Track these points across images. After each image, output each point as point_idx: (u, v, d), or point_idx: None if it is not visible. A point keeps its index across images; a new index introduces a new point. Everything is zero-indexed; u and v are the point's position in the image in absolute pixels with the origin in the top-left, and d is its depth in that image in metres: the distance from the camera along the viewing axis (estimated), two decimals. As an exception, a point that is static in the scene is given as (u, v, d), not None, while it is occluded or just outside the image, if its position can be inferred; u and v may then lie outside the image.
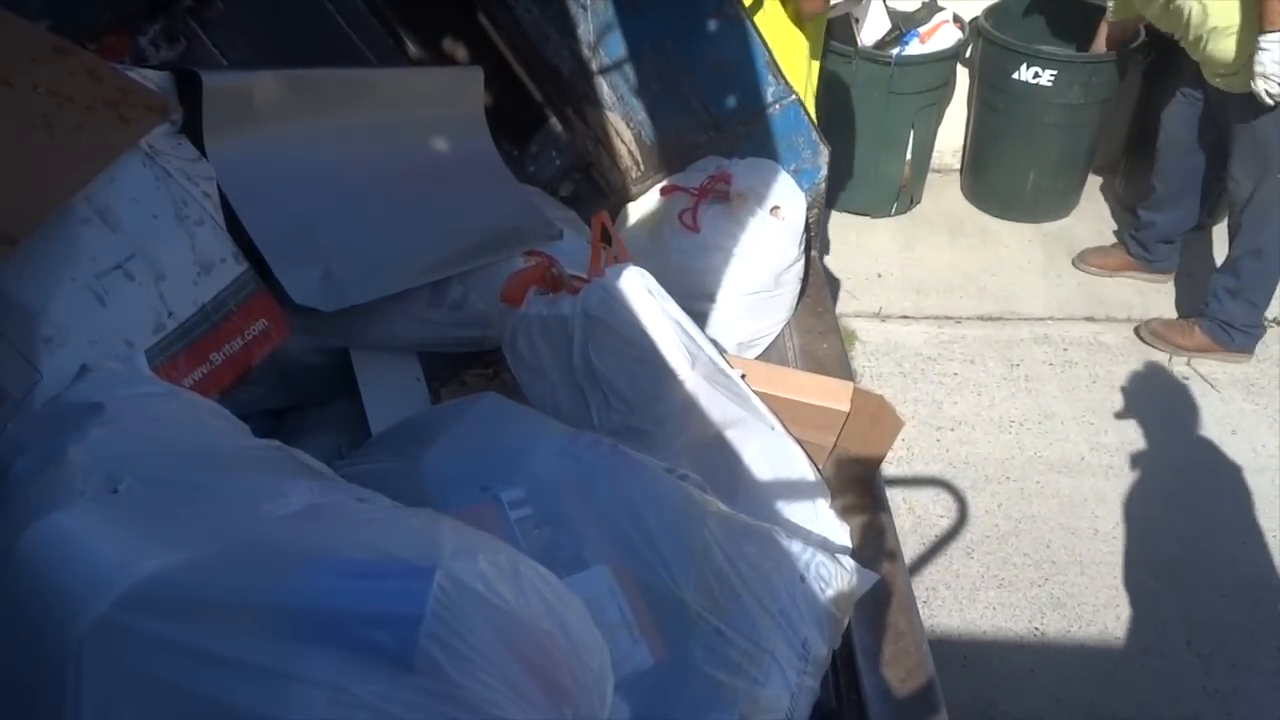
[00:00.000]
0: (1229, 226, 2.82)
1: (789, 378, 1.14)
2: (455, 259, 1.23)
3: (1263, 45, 2.35)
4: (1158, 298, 3.20)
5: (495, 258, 1.27)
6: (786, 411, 1.08)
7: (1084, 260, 3.30)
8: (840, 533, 1.03)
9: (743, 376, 1.08)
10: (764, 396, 1.08)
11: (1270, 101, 2.42)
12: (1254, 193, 2.65)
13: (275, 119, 1.10)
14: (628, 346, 1.01)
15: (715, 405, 1.02)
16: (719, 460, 1.02)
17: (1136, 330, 2.98)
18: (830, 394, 1.12)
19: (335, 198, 1.16)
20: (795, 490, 1.04)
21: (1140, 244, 3.18)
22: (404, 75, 1.45)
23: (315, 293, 1.04)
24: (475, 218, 1.32)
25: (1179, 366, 2.92)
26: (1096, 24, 3.13)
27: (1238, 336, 2.81)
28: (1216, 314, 2.81)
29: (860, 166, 3.43)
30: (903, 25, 3.16)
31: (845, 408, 1.10)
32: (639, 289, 1.01)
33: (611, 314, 1.00)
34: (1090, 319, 3.11)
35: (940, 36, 3.21)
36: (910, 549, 2.40)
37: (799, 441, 1.07)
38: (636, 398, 1.02)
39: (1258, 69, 2.38)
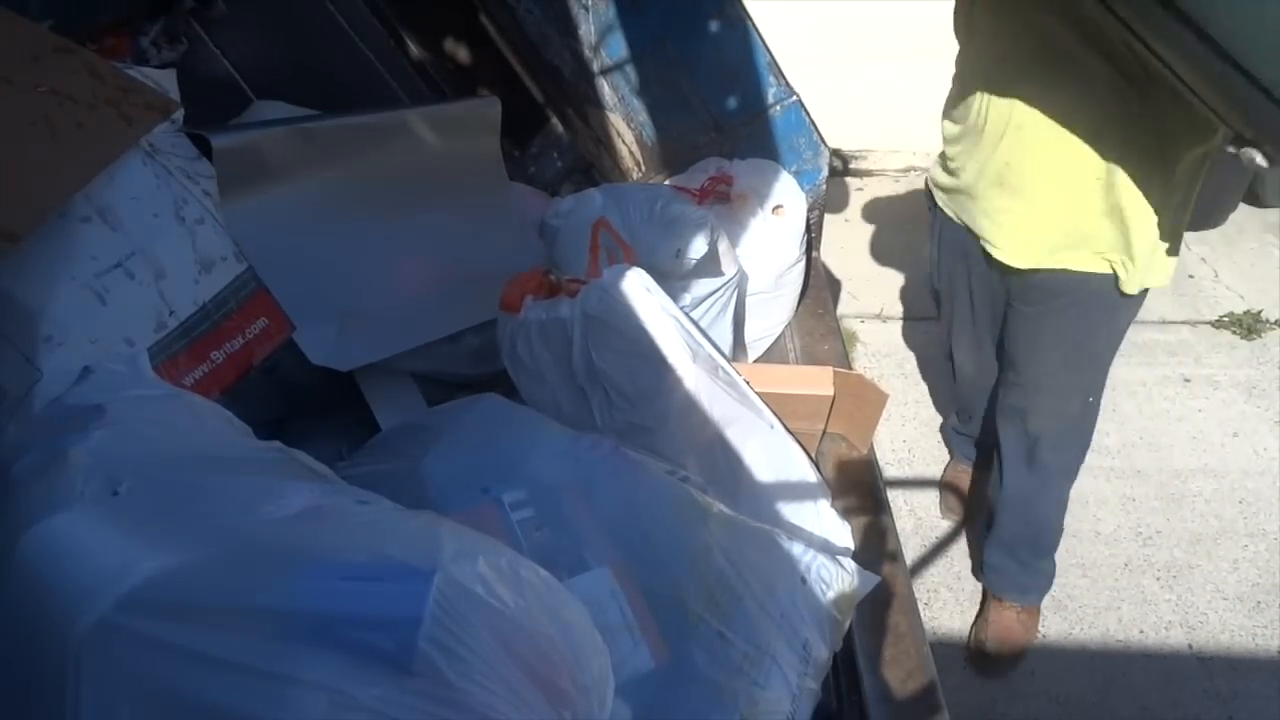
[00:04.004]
0: (1000, 483, 2.01)
1: (770, 373, 1.15)
2: (468, 312, 1.25)
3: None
4: (1158, 298, 3.19)
5: None
6: (774, 406, 1.08)
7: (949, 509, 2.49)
8: (842, 533, 1.03)
9: (735, 376, 1.08)
10: (753, 395, 1.08)
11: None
12: (1045, 435, 1.84)
13: (288, 175, 1.10)
14: (628, 344, 1.01)
15: (716, 401, 1.03)
16: (720, 458, 1.02)
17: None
18: (813, 381, 1.15)
19: (350, 253, 1.16)
20: (796, 491, 1.04)
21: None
22: (417, 118, 1.38)
23: (330, 353, 1.07)
24: (489, 267, 1.31)
25: (1180, 368, 2.91)
26: None
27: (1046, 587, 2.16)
28: (1032, 587, 2.13)
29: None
30: None
31: (830, 391, 1.13)
32: (637, 287, 1.01)
33: (611, 313, 1.00)
34: (1092, 320, 3.11)
35: None
36: (911, 551, 2.40)
37: (794, 434, 1.08)
38: (638, 394, 1.02)
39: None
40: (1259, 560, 2.34)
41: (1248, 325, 3.05)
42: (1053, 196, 1.48)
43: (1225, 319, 3.10)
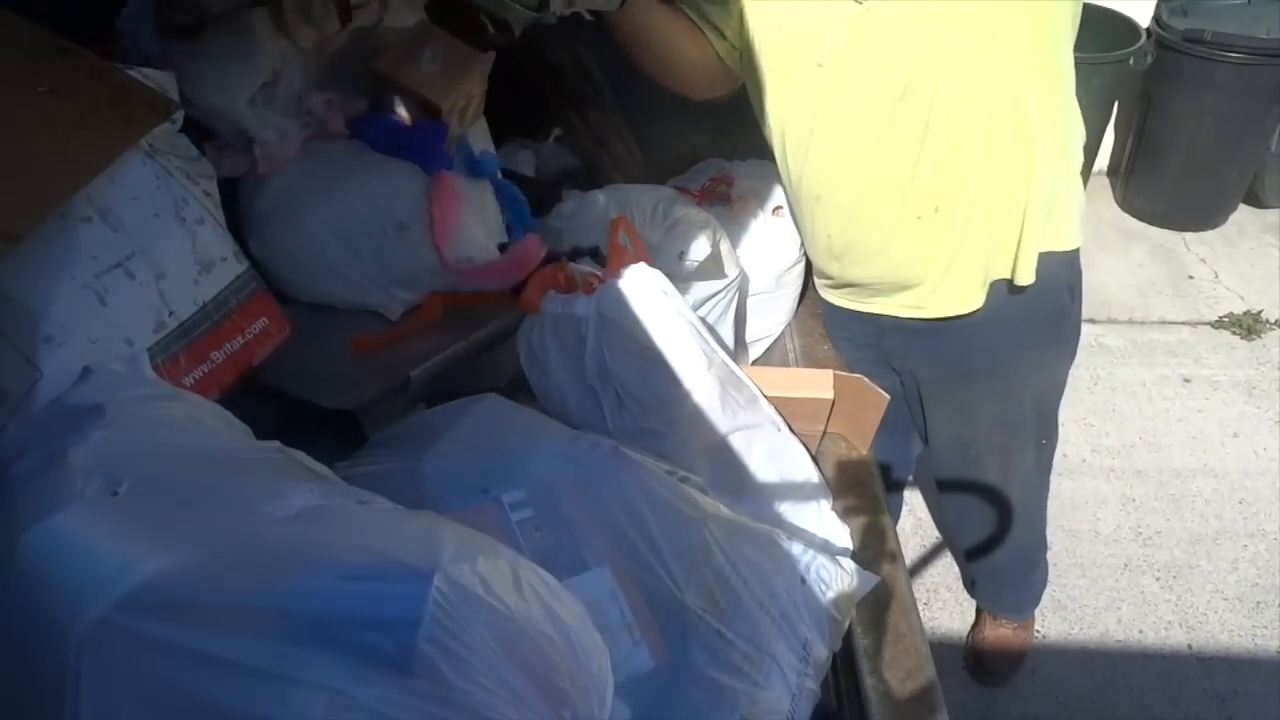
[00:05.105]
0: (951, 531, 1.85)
1: (770, 376, 1.15)
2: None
3: None
4: (1158, 299, 3.19)
5: None
6: (774, 408, 1.08)
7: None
8: (841, 534, 1.03)
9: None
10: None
11: None
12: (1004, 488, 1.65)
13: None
14: (642, 348, 1.00)
15: (727, 407, 1.02)
16: (728, 462, 1.02)
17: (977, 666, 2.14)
18: (813, 384, 1.15)
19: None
20: (798, 492, 1.04)
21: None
22: None
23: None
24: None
25: (1180, 368, 2.91)
26: None
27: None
28: (1027, 601, 2.07)
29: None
30: None
31: (830, 395, 1.13)
32: (654, 290, 1.01)
33: (626, 315, 1.00)
34: (1091, 320, 3.11)
35: None
36: (911, 550, 2.40)
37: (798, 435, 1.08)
38: (650, 399, 1.01)
39: None
40: (1259, 560, 2.34)
41: (1247, 325, 3.05)
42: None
43: (1225, 319, 3.10)
